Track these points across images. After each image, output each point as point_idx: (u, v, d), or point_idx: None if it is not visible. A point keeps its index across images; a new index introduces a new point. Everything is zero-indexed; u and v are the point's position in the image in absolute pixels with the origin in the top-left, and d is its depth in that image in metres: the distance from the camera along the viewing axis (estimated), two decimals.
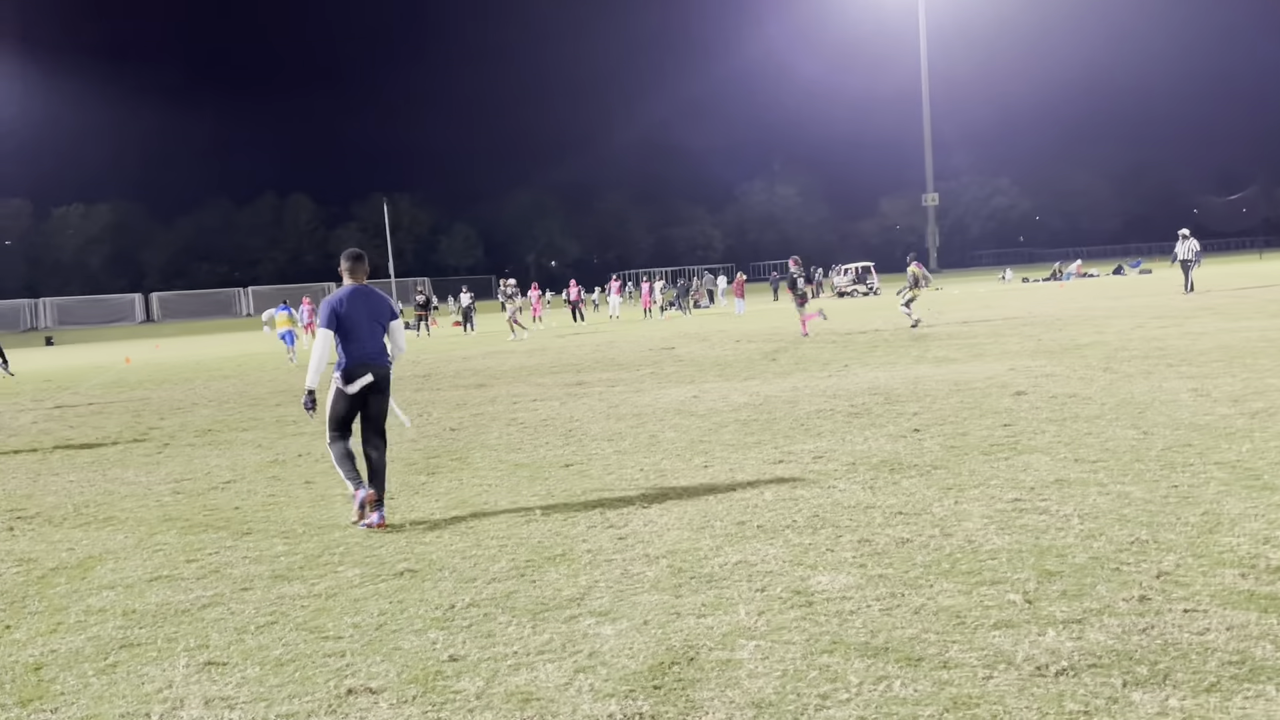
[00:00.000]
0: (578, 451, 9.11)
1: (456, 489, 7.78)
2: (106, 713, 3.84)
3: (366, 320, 6.90)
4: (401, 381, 17.59)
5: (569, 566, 5.47)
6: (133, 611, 5.12)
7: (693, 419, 10.68)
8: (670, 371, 16.22)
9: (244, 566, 5.88)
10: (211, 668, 4.26)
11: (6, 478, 9.73)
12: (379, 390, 6.98)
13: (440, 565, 5.65)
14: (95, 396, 19.06)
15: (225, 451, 10.60)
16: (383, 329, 7.03)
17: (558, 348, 24.53)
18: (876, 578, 4.95)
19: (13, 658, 4.53)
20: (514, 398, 13.87)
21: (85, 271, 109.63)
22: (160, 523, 7.25)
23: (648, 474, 7.87)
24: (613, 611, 4.70)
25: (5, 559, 6.41)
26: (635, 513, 6.60)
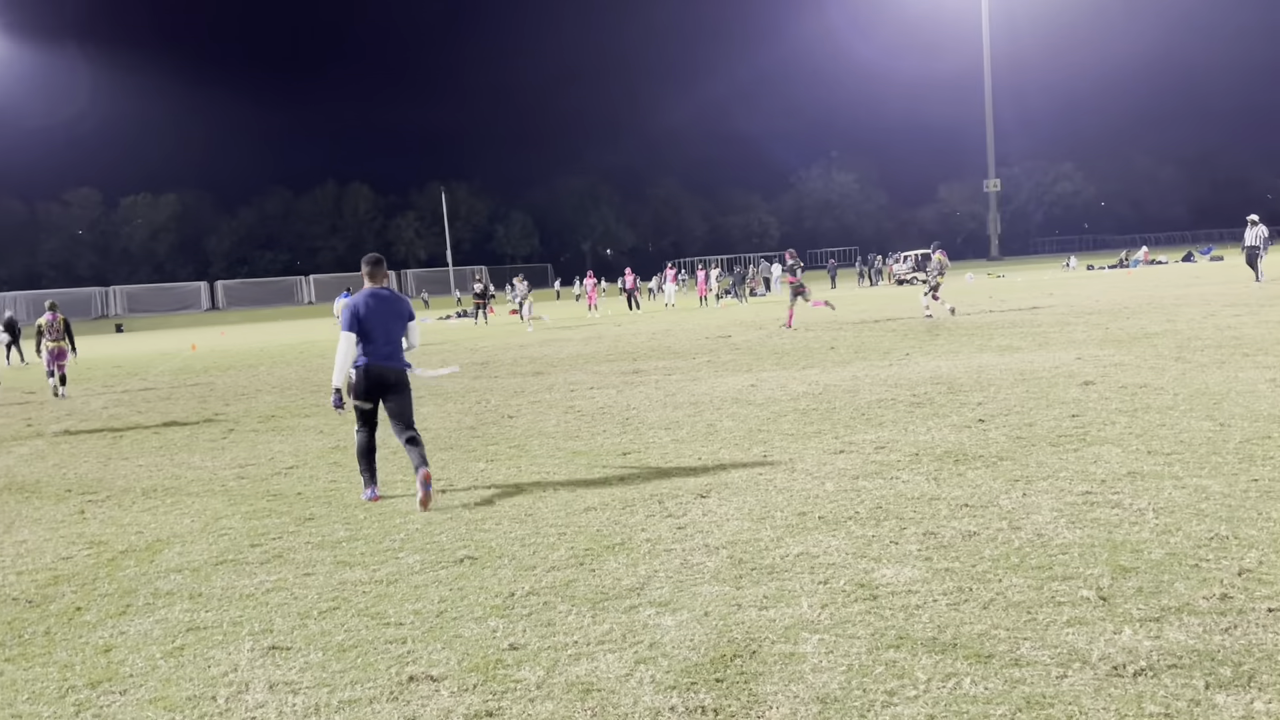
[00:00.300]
0: (635, 440, 9.08)
1: (515, 476, 7.79)
2: (174, 695, 3.89)
3: (384, 322, 7.19)
4: (460, 368, 17.70)
5: (628, 556, 5.44)
6: (199, 595, 5.20)
7: (750, 408, 10.58)
8: (727, 360, 16.12)
9: (306, 551, 5.95)
10: (275, 652, 4.30)
11: (79, 462, 9.97)
12: (396, 390, 7.29)
13: (500, 553, 5.65)
14: (163, 382, 19.50)
15: (288, 437, 10.75)
16: (402, 329, 7.34)
17: (614, 336, 24.53)
18: (943, 571, 4.84)
19: (83, 639, 4.62)
20: (571, 385, 13.88)
21: (153, 260, 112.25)
22: (225, 507, 7.37)
23: (706, 463, 7.81)
24: (673, 602, 4.65)
25: (77, 541, 6.56)
26: (694, 502, 6.54)
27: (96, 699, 3.90)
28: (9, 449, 11.25)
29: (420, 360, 7.46)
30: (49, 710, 3.82)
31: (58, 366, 17.42)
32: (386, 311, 7.21)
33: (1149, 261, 54.69)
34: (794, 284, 23.60)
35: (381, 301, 7.22)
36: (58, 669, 4.24)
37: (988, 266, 76.83)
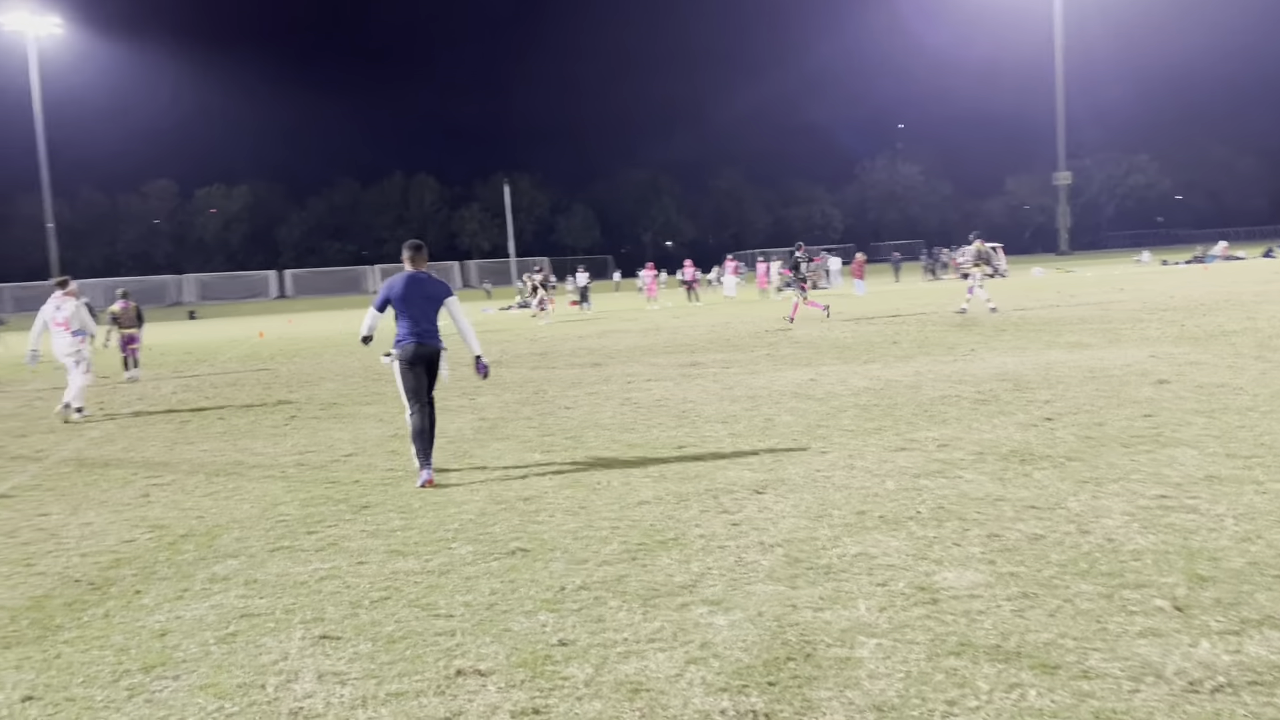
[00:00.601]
0: (691, 433, 8.98)
1: (570, 468, 7.74)
2: (224, 682, 3.90)
3: (420, 301, 7.79)
4: (519, 359, 17.78)
5: (681, 551, 5.34)
6: (254, 581, 5.23)
7: (810, 402, 10.41)
8: (786, 353, 15.92)
9: (361, 540, 5.96)
10: (326, 641, 4.29)
11: (146, 446, 10.18)
12: (430, 363, 7.92)
13: (552, 545, 5.60)
14: (230, 368, 19.89)
15: (348, 425, 10.85)
16: (436, 309, 7.88)
17: (672, 328, 24.42)
18: (1007, 576, 4.66)
19: (140, 623, 4.67)
20: (628, 377, 13.82)
21: (226, 249, 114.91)
22: (284, 493, 7.44)
23: (763, 458, 7.68)
24: (725, 601, 4.55)
25: (140, 525, 6.66)
26: (749, 498, 6.42)
27: (149, 684, 3.93)
28: (82, 431, 11.54)
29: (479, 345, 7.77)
30: (102, 694, 3.85)
31: (130, 351, 17.87)
32: (420, 293, 7.79)
33: (1227, 257, 52.91)
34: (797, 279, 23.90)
35: (417, 284, 7.80)
36: (113, 652, 4.28)
37: (1056, 261, 75.10)
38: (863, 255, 43.22)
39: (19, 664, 4.20)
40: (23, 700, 3.81)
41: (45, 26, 69.45)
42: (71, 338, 12.97)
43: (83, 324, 13.08)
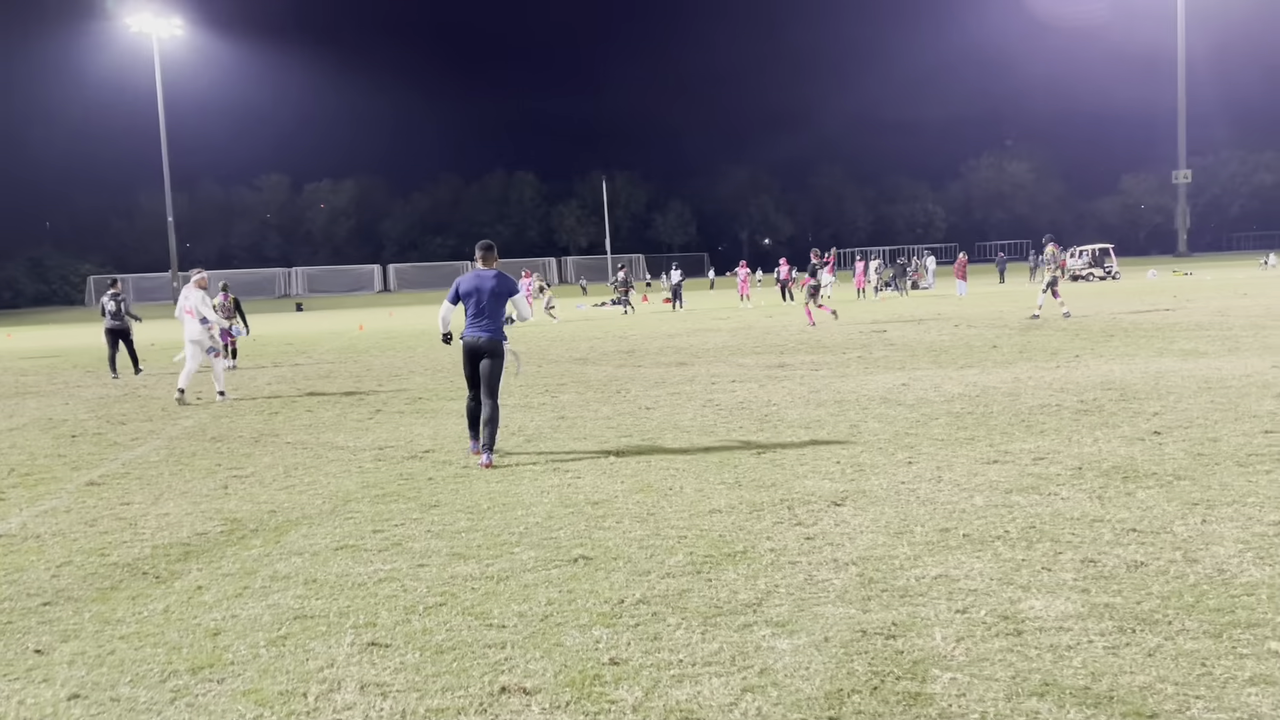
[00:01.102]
0: (771, 438, 8.68)
1: (643, 471, 7.54)
2: (267, 688, 3.81)
3: (487, 298, 8.35)
4: (605, 357, 17.68)
5: (749, 566, 5.09)
6: (313, 581, 5.17)
7: (899, 409, 9.99)
8: (879, 356, 15.43)
9: (425, 541, 5.87)
10: (374, 649, 4.18)
11: (234, 437, 10.36)
12: (488, 355, 8.35)
13: (615, 554, 5.40)
14: (326, 361, 20.30)
15: (430, 420, 10.87)
16: (501, 305, 8.41)
17: (763, 327, 24.04)
18: (1102, 607, 4.28)
19: (197, 620, 4.64)
20: (713, 378, 13.56)
21: (333, 243, 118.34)
22: (357, 489, 7.42)
23: (844, 467, 7.35)
24: (791, 623, 4.28)
25: (214, 517, 6.71)
26: (826, 510, 6.12)
27: (194, 686, 3.86)
28: (176, 420, 11.84)
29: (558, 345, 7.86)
30: (147, 695, 3.80)
31: (228, 341, 18.38)
32: (484, 290, 8.35)
33: None
34: (810, 285, 23.83)
35: (482, 280, 8.40)
36: (166, 650, 4.25)
37: (1173, 263, 71.83)
38: (964, 255, 41.90)
39: (73, 659, 4.19)
40: (68, 699, 3.79)
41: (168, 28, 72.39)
42: (200, 325, 13.71)
43: (204, 314, 13.76)
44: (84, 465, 9.02)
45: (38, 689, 3.89)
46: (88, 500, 7.45)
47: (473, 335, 8.36)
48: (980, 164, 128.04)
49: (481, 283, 8.39)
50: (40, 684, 3.93)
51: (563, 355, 18.50)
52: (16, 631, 4.57)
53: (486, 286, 8.36)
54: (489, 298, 8.34)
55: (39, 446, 10.25)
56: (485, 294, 8.35)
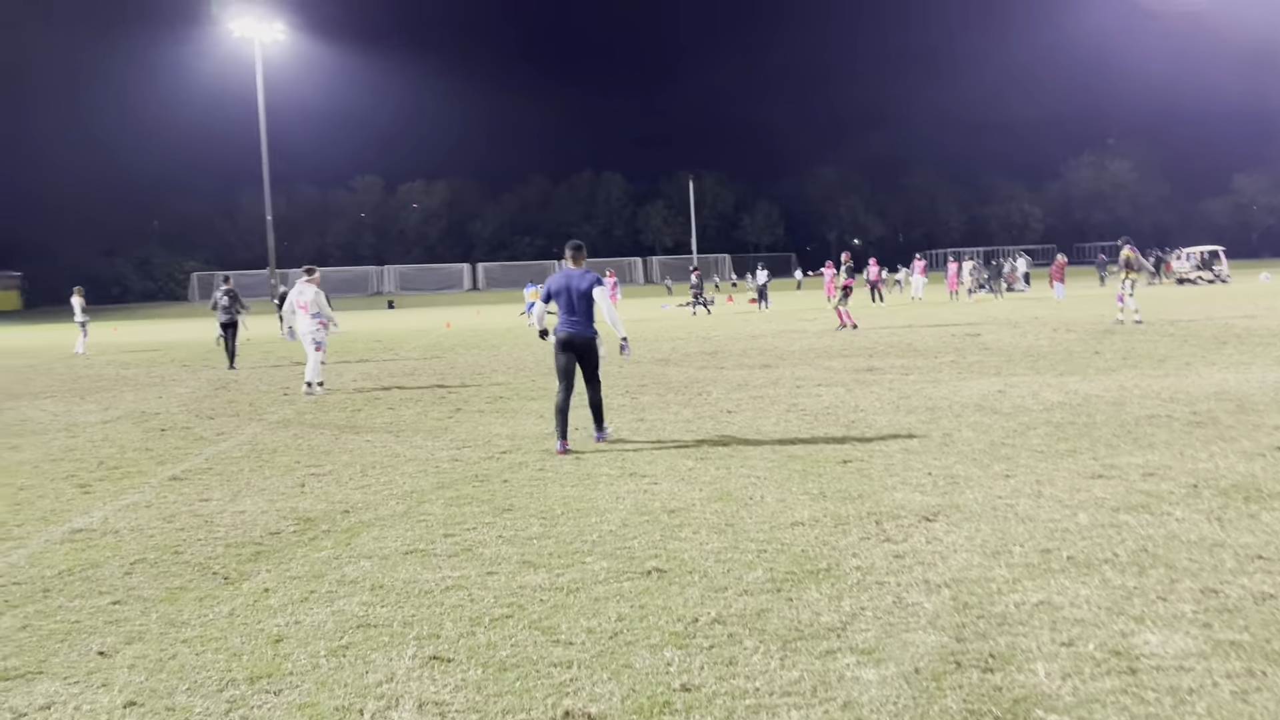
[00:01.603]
0: (859, 447, 8.31)
1: (723, 479, 7.26)
2: (323, 703, 3.66)
3: (575, 297, 8.75)
4: (687, 358, 17.42)
5: (833, 585, 4.78)
6: (380, 586, 5.04)
7: (995, 417, 9.51)
8: (973, 361, 14.84)
9: (495, 547, 5.69)
10: (436, 663, 4.00)
11: (315, 433, 10.40)
12: (582, 350, 8.84)
13: (691, 567, 5.14)
14: (412, 359, 20.48)
15: (509, 420, 10.76)
16: (589, 302, 8.77)
17: (851, 329, 23.47)
18: (1226, 645, 3.87)
19: (260, 625, 4.54)
20: (798, 381, 13.18)
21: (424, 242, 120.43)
22: (432, 490, 7.31)
23: (936, 479, 6.95)
24: (878, 650, 3.97)
25: (288, 516, 6.66)
26: (917, 526, 5.76)
27: (250, 697, 3.74)
28: (262, 415, 11.98)
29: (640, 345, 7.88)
30: (202, 705, 3.68)
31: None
32: (574, 288, 8.73)
33: None
34: (846, 286, 23.70)
35: (571, 279, 8.79)
36: (226, 657, 4.14)
37: None
38: (1063, 257, 40.38)
39: (134, 663, 4.12)
40: (125, 706, 3.69)
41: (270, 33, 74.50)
42: (311, 320, 14.13)
43: (320, 308, 14.20)
44: (169, 460, 9.13)
45: (95, 695, 3.81)
46: (168, 495, 7.50)
47: (565, 331, 8.77)
48: (1080, 163, 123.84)
49: (571, 281, 8.78)
50: (99, 689, 3.85)
51: (644, 356, 18.30)
52: (84, 631, 4.53)
53: (575, 285, 8.74)
54: (578, 296, 8.71)
55: (129, 440, 10.45)
56: (575, 292, 8.73)
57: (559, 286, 8.81)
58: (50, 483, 8.20)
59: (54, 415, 12.89)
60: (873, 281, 40.75)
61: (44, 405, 14.11)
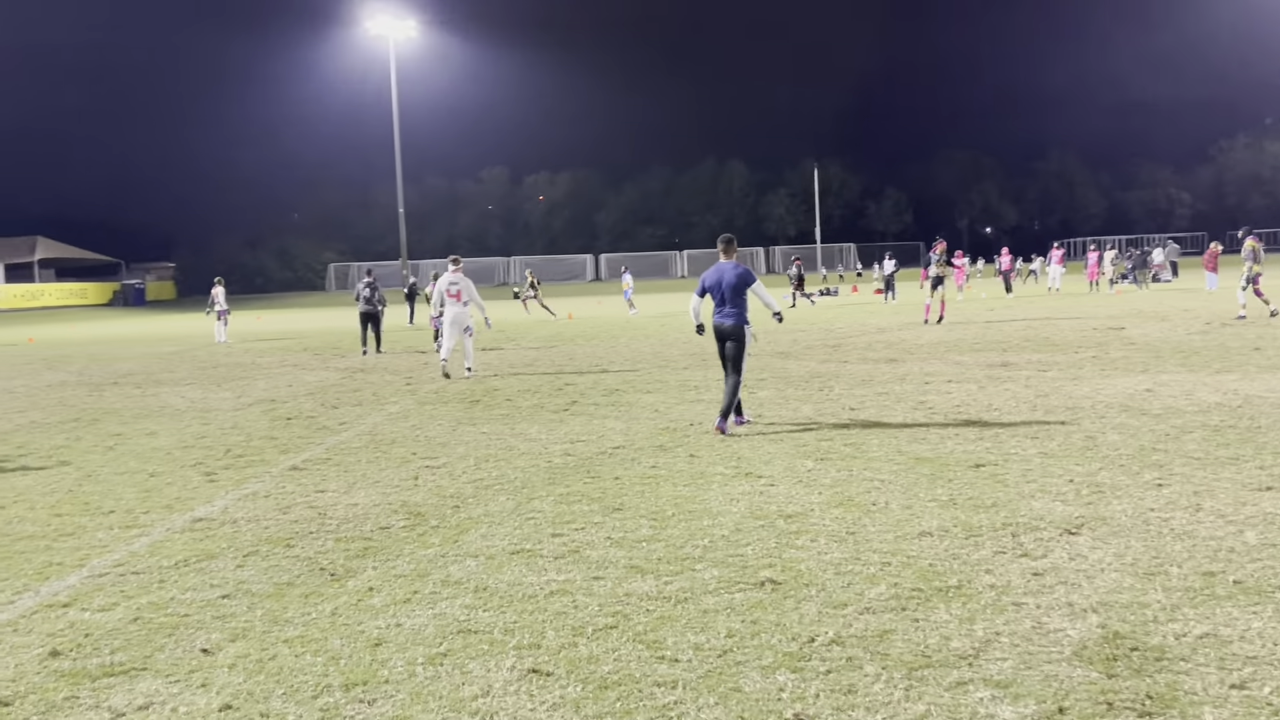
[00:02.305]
0: (993, 449, 7.79)
1: (844, 482, 6.88)
2: (416, 717, 3.50)
3: (726, 289, 9.16)
4: (808, 351, 16.94)
5: (964, 605, 4.38)
6: (484, 589, 4.89)
7: (1144, 419, 8.81)
8: (1117, 356, 13.92)
9: (603, 549, 5.49)
10: (534, 676, 3.81)
11: (433, 424, 10.44)
12: (729, 339, 9.24)
13: (808, 580, 4.82)
14: (531, 350, 20.59)
15: (624, 414, 10.58)
16: (740, 293, 9.14)
17: (983, 321, 22.48)
18: None
19: (361, 626, 4.44)
20: (926, 377, 12.59)
21: (549, 233, 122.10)
22: (542, 486, 7.17)
23: (1079, 488, 6.41)
24: (1016, 684, 3.58)
25: (399, 511, 6.62)
26: (1059, 540, 5.28)
27: (344, 706, 3.61)
28: (383, 406, 12.13)
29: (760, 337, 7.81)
30: (296, 712, 3.58)
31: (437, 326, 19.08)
32: (725, 281, 9.17)
33: None
34: (937, 278, 22.72)
35: (723, 272, 9.21)
36: (325, 660, 4.05)
37: None
38: (1217, 245, 37.80)
39: (235, 662, 4.06)
40: (220, 709, 3.62)
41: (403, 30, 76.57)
42: (461, 307, 15.02)
43: (470, 295, 15.12)
44: (292, 448, 9.28)
45: (194, 696, 3.75)
46: (287, 485, 7.58)
47: (719, 321, 9.25)
48: (1234, 145, 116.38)
49: (722, 274, 9.20)
50: (198, 690, 3.80)
51: (764, 348, 17.89)
52: (191, 626, 4.52)
53: (726, 278, 9.15)
54: (729, 288, 9.12)
55: (256, 427, 10.71)
56: (726, 285, 9.15)
57: (713, 280, 9.24)
58: (179, 469, 8.42)
59: (191, 401, 13.37)
60: (1004, 271, 39.08)
61: (183, 391, 14.69)
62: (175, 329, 38.35)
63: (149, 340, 30.69)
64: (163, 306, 79.09)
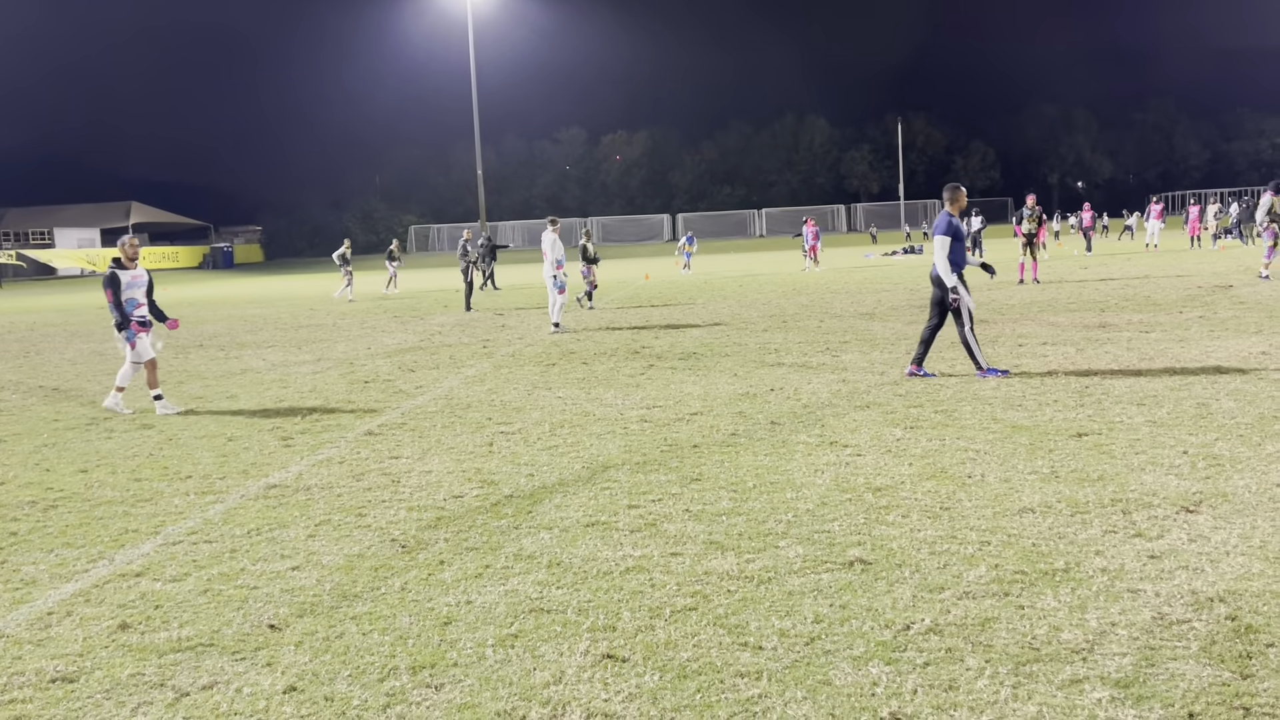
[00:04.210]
0: (1095, 417, 7.32)
1: (936, 452, 6.52)
2: (485, 704, 3.32)
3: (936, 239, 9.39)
4: (894, 312, 16.39)
5: (1074, 592, 4.03)
6: (557, 564, 4.70)
7: (1261, 384, 8.21)
8: (1227, 317, 13.12)
9: (681, 522, 5.25)
10: (609, 662, 3.59)
11: (509, 388, 10.31)
12: (935, 286, 9.44)
13: (900, 559, 4.51)
14: (607, 312, 20.39)
15: (702, 378, 10.30)
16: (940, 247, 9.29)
17: (1077, 280, 21.56)
18: None
19: (431, 603, 4.28)
20: (1019, 339, 12.02)
21: (626, 193, 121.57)
22: (619, 454, 6.95)
23: (1194, 460, 5.95)
24: (1137, 684, 3.24)
25: (473, 479, 6.47)
26: (1175, 519, 4.87)
27: (411, 691, 3.45)
28: (460, 369, 12.05)
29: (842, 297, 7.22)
30: (361, 696, 3.42)
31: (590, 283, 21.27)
32: (936, 230, 9.39)
33: None
34: (1030, 234, 21.73)
35: (937, 222, 9.42)
36: (393, 640, 3.89)
37: None
38: None
39: (302, 639, 3.93)
40: (285, 691, 3.49)
41: None
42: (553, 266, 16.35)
43: (559, 255, 16.47)
44: (368, 413, 9.23)
45: (259, 675, 3.63)
46: (362, 451, 7.50)
47: (933, 271, 9.44)
48: None
49: (937, 224, 9.42)
50: (263, 669, 3.68)
51: (847, 309, 17.40)
52: (260, 599, 4.42)
53: (937, 230, 9.37)
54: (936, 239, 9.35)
55: (334, 391, 10.71)
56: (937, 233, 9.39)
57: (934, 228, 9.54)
58: (257, 434, 8.43)
59: (272, 365, 13.50)
60: (1086, 228, 37.51)
61: (264, 354, 14.86)
62: (262, 291, 39.13)
63: (235, 302, 31.36)
64: (250, 269, 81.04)
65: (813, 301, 19.54)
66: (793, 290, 23.28)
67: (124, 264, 9.68)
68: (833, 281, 26.17)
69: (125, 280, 9.62)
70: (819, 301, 19.43)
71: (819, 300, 19.79)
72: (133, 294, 9.68)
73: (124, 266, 9.67)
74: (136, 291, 9.71)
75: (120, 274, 9.62)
